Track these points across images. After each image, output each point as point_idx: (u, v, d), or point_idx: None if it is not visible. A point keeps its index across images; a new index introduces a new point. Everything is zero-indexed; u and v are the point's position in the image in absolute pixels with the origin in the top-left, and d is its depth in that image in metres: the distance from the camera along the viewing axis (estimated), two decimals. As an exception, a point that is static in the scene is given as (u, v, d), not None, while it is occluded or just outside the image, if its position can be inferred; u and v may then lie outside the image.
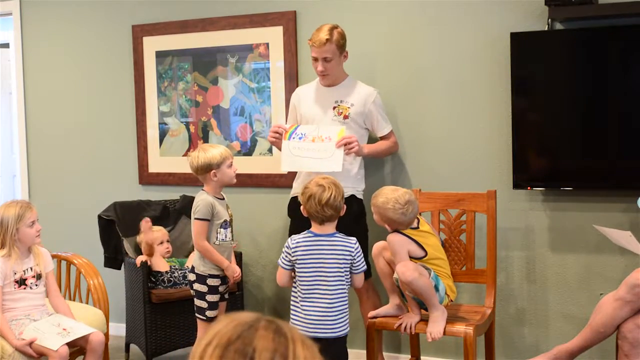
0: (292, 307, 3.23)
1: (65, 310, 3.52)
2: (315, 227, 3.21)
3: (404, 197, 3.22)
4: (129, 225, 4.25)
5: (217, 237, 3.45)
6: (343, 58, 3.71)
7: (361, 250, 3.25)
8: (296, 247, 3.18)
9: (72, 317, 3.49)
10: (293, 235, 3.25)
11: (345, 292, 3.20)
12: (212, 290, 3.47)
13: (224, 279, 3.51)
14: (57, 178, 5.02)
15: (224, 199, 3.53)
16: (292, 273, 3.23)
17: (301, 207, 3.23)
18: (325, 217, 3.16)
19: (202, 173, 3.44)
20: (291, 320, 3.21)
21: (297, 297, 3.21)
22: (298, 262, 3.18)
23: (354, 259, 3.19)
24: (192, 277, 3.51)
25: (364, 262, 3.26)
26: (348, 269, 3.19)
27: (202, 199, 3.43)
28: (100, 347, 3.39)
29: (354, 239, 3.22)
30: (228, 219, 3.50)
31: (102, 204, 4.33)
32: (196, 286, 3.49)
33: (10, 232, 3.39)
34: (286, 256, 3.21)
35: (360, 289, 3.81)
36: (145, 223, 4.08)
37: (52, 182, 5.04)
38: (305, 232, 3.24)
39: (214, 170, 3.41)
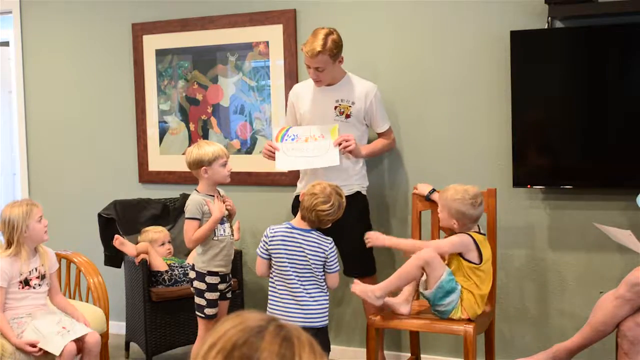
0: (269, 294, 3.34)
1: (67, 308, 3.52)
2: (295, 220, 3.32)
3: (473, 190, 3.26)
4: (129, 223, 4.25)
5: (214, 233, 3.46)
6: (338, 63, 3.66)
7: (336, 252, 3.32)
8: (273, 236, 3.30)
9: (76, 312, 3.49)
10: (272, 225, 3.34)
11: (317, 288, 3.27)
12: (211, 287, 3.48)
13: (223, 277, 3.51)
14: (57, 176, 5.02)
15: (220, 195, 3.55)
16: (270, 262, 3.33)
17: (301, 193, 3.29)
18: (308, 218, 3.26)
19: (194, 168, 3.49)
20: (269, 305, 3.32)
21: (274, 286, 3.31)
22: (274, 251, 3.28)
23: (327, 258, 3.28)
24: (192, 274, 3.54)
25: (337, 264, 3.33)
26: (321, 267, 3.28)
27: (192, 198, 3.48)
28: (96, 347, 3.38)
29: (329, 240, 3.31)
30: (225, 215, 3.51)
31: (102, 202, 4.33)
32: (195, 284, 3.51)
33: (20, 230, 3.38)
34: (264, 245, 3.32)
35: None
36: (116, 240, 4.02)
37: (52, 180, 5.04)
38: (284, 223, 3.34)
39: (204, 167, 3.44)
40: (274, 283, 3.32)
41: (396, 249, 3.71)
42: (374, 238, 3.41)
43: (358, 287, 3.34)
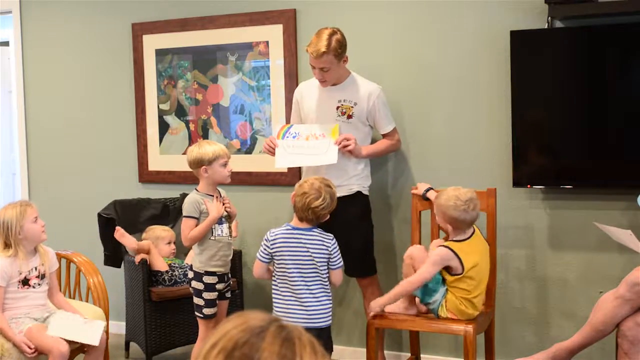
0: (273, 297, 3.33)
1: (66, 308, 3.52)
2: (294, 221, 3.31)
3: (466, 195, 3.23)
4: (129, 223, 4.25)
5: (212, 233, 3.46)
6: (343, 63, 3.66)
7: (338, 247, 3.32)
8: (274, 239, 3.28)
9: (75, 312, 3.50)
10: (272, 229, 3.33)
11: (321, 288, 3.27)
12: (209, 287, 3.48)
13: (221, 276, 3.51)
14: (57, 176, 5.03)
15: (220, 196, 3.55)
16: (270, 266, 3.33)
17: (291, 195, 3.30)
18: (306, 217, 3.26)
19: (194, 168, 3.50)
20: (274, 308, 3.31)
21: (277, 288, 3.30)
22: (277, 254, 3.27)
23: (331, 255, 3.27)
24: (190, 274, 3.54)
25: (341, 259, 3.32)
26: (325, 264, 3.27)
27: (189, 197, 3.50)
28: (102, 343, 3.41)
29: (331, 236, 3.31)
30: (223, 215, 3.52)
31: (102, 202, 4.33)
32: (193, 284, 3.51)
33: (15, 231, 3.38)
34: (265, 249, 3.31)
35: (365, 285, 3.82)
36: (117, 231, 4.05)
37: (52, 180, 5.05)
38: (284, 225, 3.33)
39: (204, 167, 3.45)
40: (277, 285, 3.30)
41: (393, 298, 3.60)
42: (372, 307, 3.39)
43: (392, 307, 3.39)
